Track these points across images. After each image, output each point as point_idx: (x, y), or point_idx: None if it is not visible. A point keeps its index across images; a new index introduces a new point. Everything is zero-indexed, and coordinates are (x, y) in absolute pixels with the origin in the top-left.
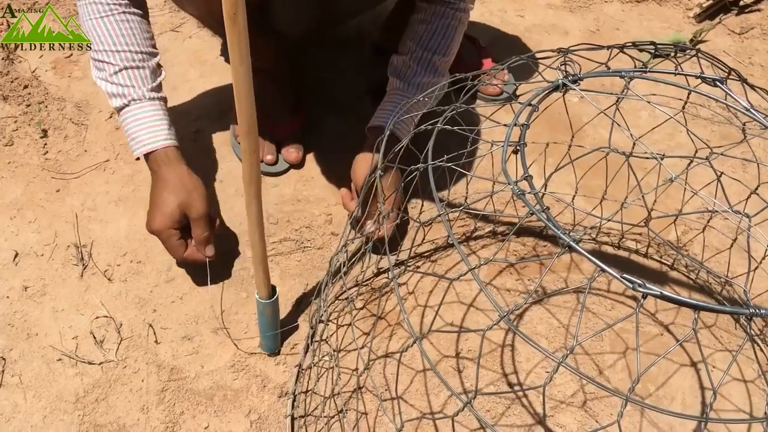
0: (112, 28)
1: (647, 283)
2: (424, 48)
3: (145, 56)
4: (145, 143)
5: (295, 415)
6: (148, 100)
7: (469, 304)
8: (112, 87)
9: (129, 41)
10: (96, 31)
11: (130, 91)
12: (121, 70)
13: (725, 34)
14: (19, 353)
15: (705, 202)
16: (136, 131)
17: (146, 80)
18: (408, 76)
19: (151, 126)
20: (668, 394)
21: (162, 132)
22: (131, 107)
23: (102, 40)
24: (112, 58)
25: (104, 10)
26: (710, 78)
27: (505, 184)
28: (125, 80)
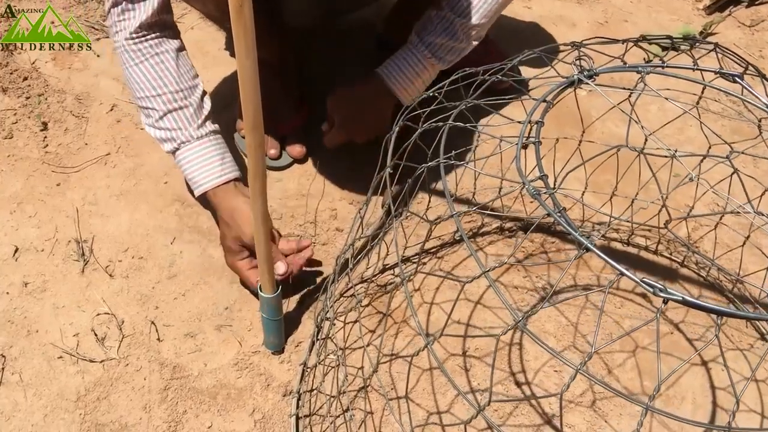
0: (148, 72)
1: (668, 288)
2: (451, 7)
3: (186, 93)
4: (200, 184)
5: (300, 415)
6: (196, 139)
7: (476, 302)
8: (160, 132)
9: (167, 81)
10: (134, 78)
11: (177, 134)
12: (166, 114)
13: (735, 26)
14: (20, 350)
15: (719, 197)
16: (191, 173)
17: (192, 119)
18: (423, 31)
19: (202, 166)
20: (678, 394)
21: (214, 170)
22: (182, 150)
23: (142, 87)
24: (154, 104)
25: (138, 57)
26: (730, 74)
27: (516, 183)
28: (171, 124)
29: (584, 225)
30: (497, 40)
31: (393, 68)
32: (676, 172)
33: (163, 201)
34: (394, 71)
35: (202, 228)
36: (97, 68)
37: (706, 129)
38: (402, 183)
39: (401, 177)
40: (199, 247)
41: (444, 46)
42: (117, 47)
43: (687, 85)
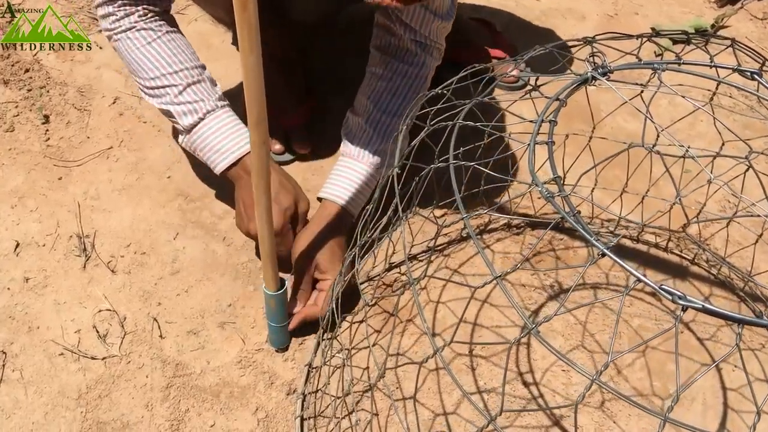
0: (163, 51)
1: (687, 296)
2: (383, 110)
3: (200, 70)
4: (233, 150)
5: (305, 416)
6: (221, 108)
7: (483, 301)
8: (180, 107)
9: (182, 59)
10: (147, 59)
11: (201, 105)
12: (186, 88)
13: (747, 19)
14: (20, 347)
15: (729, 194)
16: (218, 141)
17: (211, 91)
18: (363, 142)
19: (234, 132)
20: (689, 395)
21: (244, 136)
22: (206, 120)
23: (157, 65)
24: (172, 80)
25: (150, 36)
26: (748, 71)
27: (528, 183)
28: (193, 96)
29: (593, 222)
30: (504, 33)
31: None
32: (687, 168)
33: (165, 196)
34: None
35: (206, 223)
36: (100, 60)
37: (719, 125)
38: (409, 182)
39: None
40: (202, 243)
41: (386, 151)
42: (119, 31)
43: (698, 80)
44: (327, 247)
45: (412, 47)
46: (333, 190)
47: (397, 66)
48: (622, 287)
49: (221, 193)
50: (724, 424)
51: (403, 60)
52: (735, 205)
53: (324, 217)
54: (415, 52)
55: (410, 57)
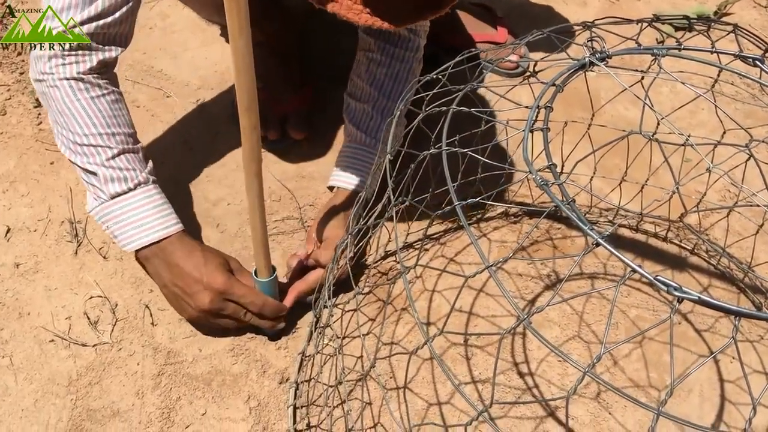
0: (105, 109)
1: (684, 287)
2: (387, 96)
3: (135, 140)
4: (157, 229)
5: (297, 405)
6: (152, 183)
7: (479, 290)
8: (111, 171)
9: (122, 122)
10: (87, 113)
11: (133, 174)
12: (121, 153)
13: (751, 6)
14: (10, 333)
15: (729, 184)
16: (143, 217)
17: (143, 163)
18: (372, 129)
19: (160, 210)
20: (685, 386)
21: (174, 216)
22: (136, 191)
23: (96, 123)
24: (108, 141)
25: (95, 92)
26: (750, 57)
27: (523, 171)
28: (126, 163)
29: (592, 211)
30: (506, 19)
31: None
32: (688, 157)
33: (159, 182)
34: (362, 180)
35: (199, 210)
36: None
37: (720, 113)
38: (404, 169)
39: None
40: (195, 230)
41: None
42: (62, 78)
43: (700, 67)
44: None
45: (403, 31)
46: (350, 179)
47: (393, 51)
48: (619, 277)
49: (215, 179)
50: (721, 417)
51: (397, 44)
52: (735, 194)
53: (345, 205)
54: (407, 37)
55: (403, 41)
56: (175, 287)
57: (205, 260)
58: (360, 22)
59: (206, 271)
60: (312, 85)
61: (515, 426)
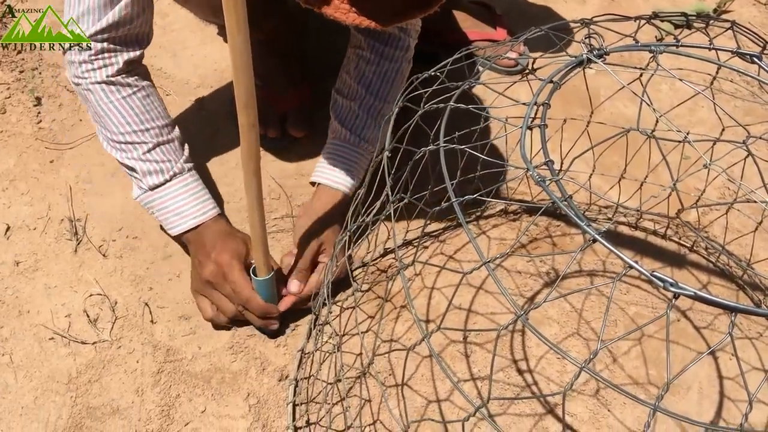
0: (137, 107)
1: (680, 283)
2: (375, 95)
3: (170, 128)
4: (195, 216)
5: (297, 402)
6: (188, 171)
7: (478, 287)
8: (148, 165)
9: (154, 116)
10: (120, 113)
11: (168, 165)
12: (156, 147)
13: (750, 4)
14: (10, 331)
15: (729, 181)
16: (181, 205)
17: (179, 152)
18: (357, 127)
19: (198, 197)
20: (684, 383)
21: (210, 202)
22: (173, 182)
23: (129, 121)
24: (143, 137)
25: (125, 91)
26: (748, 54)
27: (521, 168)
28: (161, 156)
29: (591, 208)
30: (505, 17)
31: (346, 176)
32: (686, 154)
33: None
34: (345, 178)
35: None
36: None
37: (719, 111)
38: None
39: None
40: None
41: (378, 135)
42: (94, 81)
43: (699, 64)
44: (331, 231)
45: (394, 30)
46: (332, 176)
47: (383, 49)
48: (617, 273)
49: (215, 177)
50: (720, 413)
51: (387, 43)
52: (735, 192)
53: (326, 203)
54: (398, 36)
55: (394, 40)
56: (195, 258)
57: (224, 242)
58: (347, 21)
59: (219, 248)
60: (311, 82)
61: (514, 423)
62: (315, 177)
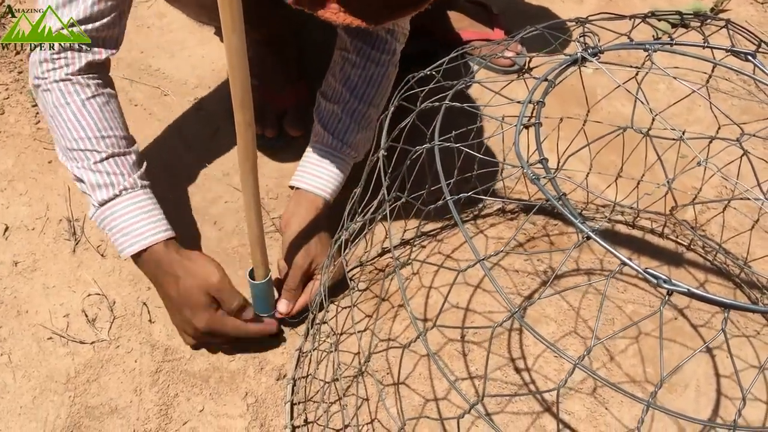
0: (94, 111)
1: (673, 279)
2: (359, 99)
3: (129, 142)
4: (145, 236)
5: (295, 401)
6: (141, 188)
7: (475, 286)
8: (97, 176)
9: (113, 125)
10: (75, 117)
11: (119, 179)
12: (109, 157)
13: (748, 3)
14: (9, 331)
15: (725, 180)
16: (130, 224)
17: (134, 167)
18: (340, 131)
19: (148, 216)
20: (682, 381)
21: (161, 222)
22: (122, 197)
23: (84, 126)
24: (96, 145)
25: (85, 93)
26: (742, 52)
27: (517, 166)
28: (113, 167)
29: (588, 207)
30: (502, 17)
31: (326, 181)
32: (683, 153)
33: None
34: (326, 183)
35: (197, 207)
36: None
37: (715, 109)
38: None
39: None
40: (193, 227)
41: (362, 140)
42: (53, 80)
43: (696, 64)
44: (319, 241)
45: (381, 33)
46: (313, 181)
47: (369, 52)
48: (617, 274)
49: (212, 177)
50: (717, 411)
51: (374, 46)
52: (731, 190)
53: (309, 210)
54: (385, 39)
55: (380, 43)
56: (166, 302)
57: (186, 295)
58: (338, 21)
59: (189, 309)
60: (308, 81)
61: (512, 421)
62: (294, 181)
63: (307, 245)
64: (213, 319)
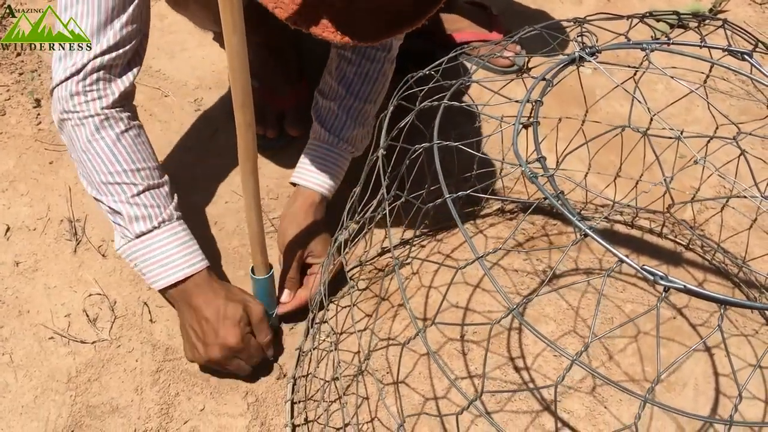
0: (129, 145)
1: (669, 276)
2: (355, 95)
3: (161, 173)
4: (182, 267)
5: (295, 400)
6: (176, 219)
7: (475, 286)
8: (135, 209)
9: (146, 156)
10: (111, 151)
11: (157, 211)
12: (146, 190)
13: (746, 4)
14: (10, 331)
15: (724, 180)
16: (168, 255)
17: (168, 198)
18: (336, 128)
19: (186, 247)
20: (680, 380)
21: (198, 253)
22: (160, 230)
23: (120, 159)
24: (133, 178)
25: (119, 127)
26: (738, 51)
27: (516, 165)
28: (150, 200)
29: (587, 207)
30: (501, 18)
31: (322, 177)
32: (682, 153)
33: None
34: (322, 179)
35: (197, 208)
36: None
37: (713, 109)
38: (399, 164)
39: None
40: (193, 227)
41: (359, 136)
42: (85, 116)
43: (694, 64)
44: (314, 233)
45: None
46: (313, 178)
47: (365, 49)
48: (616, 273)
49: (212, 178)
50: (716, 410)
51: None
52: (730, 190)
53: (306, 205)
54: None
55: None
56: (191, 330)
57: (225, 311)
58: (335, 40)
59: (223, 325)
60: (308, 81)
61: (511, 420)
62: (293, 178)
63: (299, 234)
64: (246, 337)
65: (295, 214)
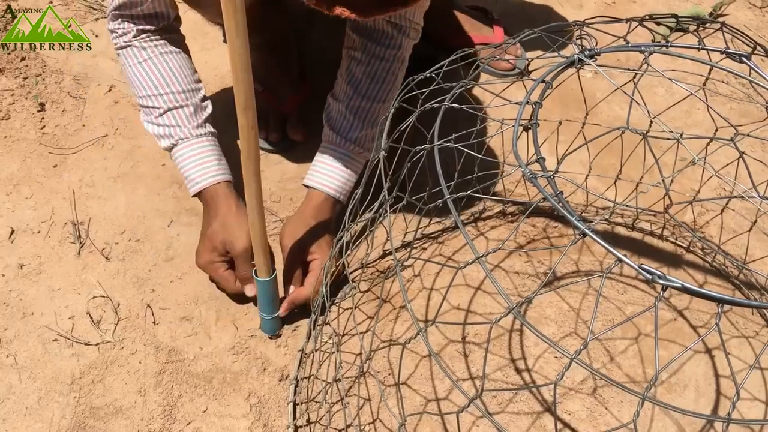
0: (152, 72)
1: (667, 275)
2: (363, 95)
3: (188, 95)
4: (196, 182)
5: (297, 401)
6: (195, 137)
7: (476, 288)
8: (158, 129)
9: (170, 81)
10: (137, 77)
11: (175, 131)
12: (166, 112)
13: (746, 7)
14: (15, 333)
15: (724, 182)
16: (187, 170)
17: (191, 118)
18: (344, 129)
19: (199, 164)
20: (681, 381)
21: (210, 169)
22: (179, 146)
23: (144, 85)
24: (155, 102)
25: (141, 56)
26: (736, 54)
27: (516, 166)
28: (170, 121)
29: (588, 209)
30: (502, 21)
31: (329, 177)
32: (682, 156)
33: (160, 183)
34: (329, 180)
35: (200, 210)
36: (96, 49)
37: (712, 112)
38: (400, 167)
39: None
40: (197, 230)
41: (368, 136)
42: (121, 46)
43: (694, 67)
44: (318, 234)
45: (387, 29)
46: (319, 178)
47: (374, 48)
48: (616, 275)
49: None
50: (716, 411)
51: (379, 42)
52: (730, 192)
53: (312, 206)
54: (390, 34)
55: (386, 39)
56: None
57: (208, 232)
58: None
59: (202, 243)
60: (311, 85)
61: (512, 421)
62: (304, 180)
63: (298, 231)
64: (215, 265)
65: (301, 213)
